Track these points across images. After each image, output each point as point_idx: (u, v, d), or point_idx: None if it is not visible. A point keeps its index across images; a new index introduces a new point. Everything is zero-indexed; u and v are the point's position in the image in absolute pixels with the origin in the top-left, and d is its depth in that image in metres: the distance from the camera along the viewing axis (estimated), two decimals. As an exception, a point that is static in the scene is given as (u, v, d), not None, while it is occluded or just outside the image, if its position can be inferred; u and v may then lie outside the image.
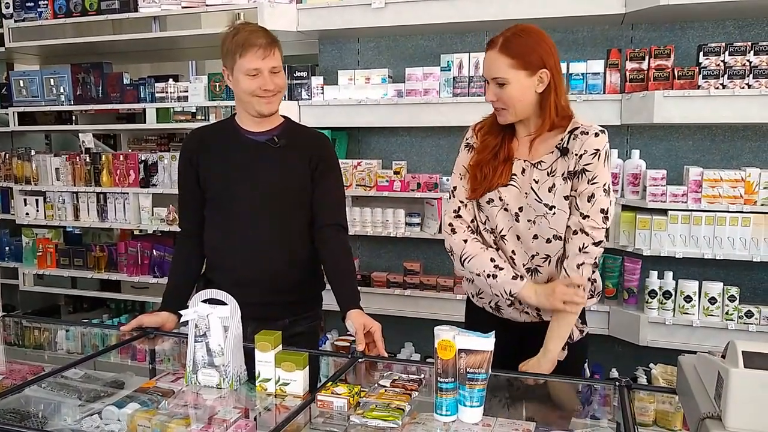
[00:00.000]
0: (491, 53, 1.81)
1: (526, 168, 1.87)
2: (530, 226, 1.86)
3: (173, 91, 3.85)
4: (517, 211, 1.87)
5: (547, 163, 1.85)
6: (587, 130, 1.82)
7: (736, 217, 2.90)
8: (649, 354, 3.08)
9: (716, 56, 2.91)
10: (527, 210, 1.86)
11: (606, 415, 1.67)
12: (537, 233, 1.86)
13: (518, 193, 1.86)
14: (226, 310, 1.64)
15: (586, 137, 1.80)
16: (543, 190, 1.83)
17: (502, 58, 1.79)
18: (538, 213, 1.84)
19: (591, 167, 1.79)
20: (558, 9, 3.12)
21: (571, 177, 1.82)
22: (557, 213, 1.82)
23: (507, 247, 1.90)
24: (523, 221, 1.87)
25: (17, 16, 4.14)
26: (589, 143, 1.79)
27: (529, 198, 1.85)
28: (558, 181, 1.82)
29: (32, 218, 4.25)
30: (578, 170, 1.80)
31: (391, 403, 1.46)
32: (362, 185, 3.53)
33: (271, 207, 2.09)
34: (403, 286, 3.54)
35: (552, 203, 1.82)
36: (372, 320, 1.92)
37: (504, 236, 1.90)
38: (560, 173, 1.83)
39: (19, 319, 2.59)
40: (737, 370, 1.11)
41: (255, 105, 2.05)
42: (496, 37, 1.82)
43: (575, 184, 1.82)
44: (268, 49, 2.00)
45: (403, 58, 3.66)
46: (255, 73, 2.00)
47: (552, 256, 1.88)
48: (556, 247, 1.86)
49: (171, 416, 1.45)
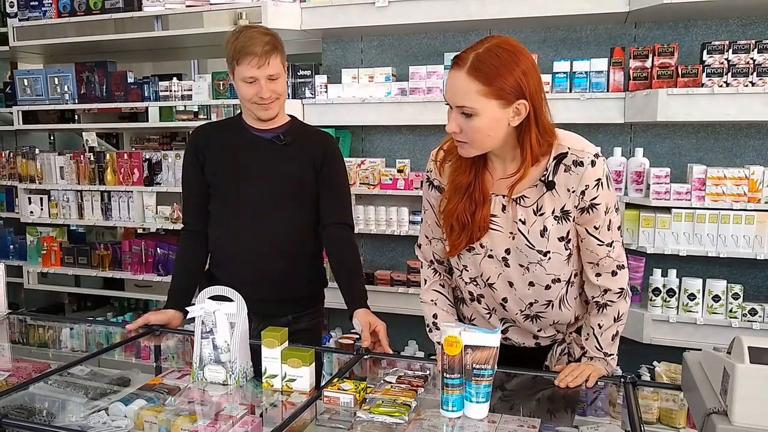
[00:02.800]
0: (457, 74, 1.46)
1: (507, 205, 1.61)
2: (523, 272, 1.64)
3: (177, 89, 3.86)
4: (504, 256, 1.64)
5: (531, 199, 1.59)
6: (580, 159, 1.53)
7: (740, 215, 2.90)
8: (653, 352, 3.08)
9: (720, 54, 2.90)
10: (517, 254, 1.63)
11: (611, 412, 1.67)
12: (533, 280, 1.65)
13: (502, 235, 1.62)
14: (233, 306, 1.64)
15: (582, 170, 1.53)
16: (534, 235, 1.59)
17: (470, 83, 1.44)
18: (531, 260, 1.62)
19: (599, 199, 1.56)
20: (561, 7, 3.12)
21: (567, 217, 1.59)
22: (553, 257, 1.61)
23: (497, 295, 1.70)
24: (514, 266, 1.64)
25: (21, 15, 4.15)
26: (587, 176, 1.53)
27: (517, 241, 1.61)
28: (549, 223, 1.58)
29: (36, 217, 4.26)
30: (586, 207, 1.56)
31: (397, 398, 1.46)
32: (366, 183, 3.53)
33: (275, 204, 2.10)
34: (407, 284, 3.54)
35: (546, 249, 1.60)
36: (377, 319, 1.94)
37: (492, 284, 1.69)
38: (550, 212, 1.58)
39: (24, 317, 2.60)
40: (743, 365, 1.11)
41: (253, 110, 2.07)
42: (465, 53, 1.47)
43: (584, 219, 1.59)
44: (263, 57, 1.97)
45: (407, 56, 3.67)
46: (251, 80, 2.01)
47: (554, 299, 1.69)
48: (557, 290, 1.68)
49: (177, 412, 1.46)
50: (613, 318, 1.70)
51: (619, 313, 1.69)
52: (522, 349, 1.84)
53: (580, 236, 1.63)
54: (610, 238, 1.61)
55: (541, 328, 1.78)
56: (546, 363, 1.86)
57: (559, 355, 1.83)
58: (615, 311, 1.69)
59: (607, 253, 1.61)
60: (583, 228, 1.60)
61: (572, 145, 1.55)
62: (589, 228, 1.60)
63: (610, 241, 1.61)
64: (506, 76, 1.43)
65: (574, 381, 1.63)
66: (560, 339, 1.85)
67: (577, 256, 1.67)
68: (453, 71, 1.48)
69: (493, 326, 1.76)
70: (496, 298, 1.72)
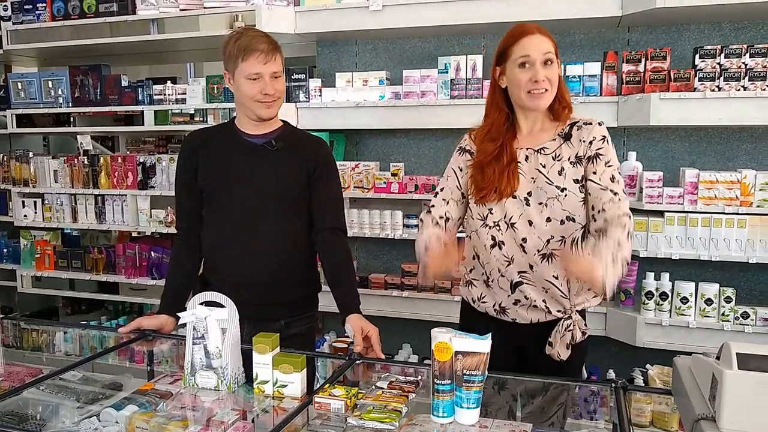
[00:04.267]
0: (535, 37, 1.85)
1: (530, 155, 1.91)
2: (542, 209, 1.87)
3: (171, 93, 3.86)
4: (526, 196, 1.88)
5: (550, 149, 1.90)
6: (589, 121, 1.91)
7: (732, 219, 2.91)
8: (646, 355, 3.09)
9: (712, 58, 2.92)
10: (537, 193, 1.87)
11: (603, 416, 1.68)
12: (550, 216, 1.87)
13: (524, 180, 1.89)
14: (224, 312, 1.64)
15: (590, 127, 1.88)
16: (553, 173, 1.87)
17: (546, 39, 1.85)
18: (549, 195, 1.86)
19: (603, 151, 1.86)
20: (555, 11, 3.13)
21: (580, 162, 1.87)
22: (569, 195, 1.86)
23: (518, 236, 1.88)
24: (534, 205, 1.87)
25: (15, 18, 4.14)
26: (596, 131, 1.88)
27: (538, 182, 1.88)
28: (566, 165, 1.87)
29: (30, 220, 4.25)
30: (591, 155, 1.86)
31: (388, 404, 1.47)
32: (360, 187, 3.54)
33: (268, 209, 2.11)
34: (401, 288, 3.54)
35: (563, 185, 1.86)
36: (370, 324, 1.95)
37: (514, 224, 1.89)
38: (566, 158, 1.88)
39: (17, 321, 2.60)
40: (731, 371, 1.12)
41: (255, 109, 2.07)
42: (527, 25, 1.88)
43: (590, 168, 1.86)
44: (269, 54, 2.02)
45: (401, 60, 3.67)
46: (256, 77, 2.02)
47: (567, 237, 1.88)
48: (570, 228, 1.87)
49: (169, 418, 1.46)
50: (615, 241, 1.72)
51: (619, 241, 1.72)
52: (527, 329, 1.93)
53: (587, 188, 1.87)
54: (615, 189, 1.83)
55: (557, 275, 1.88)
56: (550, 339, 1.90)
57: (564, 331, 1.90)
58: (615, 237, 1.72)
59: (610, 198, 1.82)
60: (589, 178, 1.86)
61: (581, 117, 1.94)
62: (592, 177, 1.85)
63: (615, 191, 1.83)
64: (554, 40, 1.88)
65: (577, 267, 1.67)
66: (566, 316, 1.91)
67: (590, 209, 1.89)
68: (529, 36, 1.85)
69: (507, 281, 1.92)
70: (517, 240, 1.89)
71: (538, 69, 1.82)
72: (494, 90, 1.97)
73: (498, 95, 1.96)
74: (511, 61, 1.87)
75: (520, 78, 1.84)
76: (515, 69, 1.85)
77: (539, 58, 1.82)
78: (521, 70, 1.84)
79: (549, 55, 1.83)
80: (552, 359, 1.90)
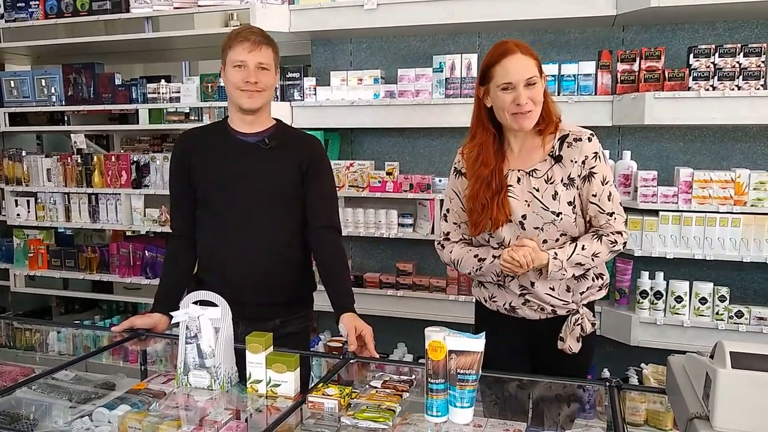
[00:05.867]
0: (517, 57, 1.83)
1: (522, 177, 1.92)
2: (538, 233, 1.91)
3: (165, 91, 3.84)
4: (521, 220, 1.91)
5: (542, 171, 1.91)
6: (579, 136, 1.90)
7: (726, 218, 2.92)
8: (641, 354, 3.09)
9: (706, 58, 2.92)
10: (533, 218, 1.90)
11: (597, 415, 1.68)
12: (546, 238, 1.92)
13: (518, 202, 1.91)
14: (217, 311, 1.64)
15: (581, 143, 1.89)
16: (547, 198, 1.89)
17: (529, 60, 1.84)
18: (545, 221, 1.90)
19: (597, 169, 1.89)
20: (549, 10, 3.13)
21: (573, 183, 1.89)
22: (564, 218, 1.89)
23: None
24: (530, 229, 1.91)
25: (8, 16, 4.11)
26: (587, 148, 1.89)
27: (533, 206, 1.90)
28: (559, 188, 1.89)
29: (23, 219, 4.23)
30: (586, 174, 1.89)
31: (381, 404, 1.46)
32: (355, 186, 3.53)
33: (262, 208, 2.10)
34: (396, 287, 3.54)
35: (558, 210, 1.88)
36: (363, 323, 1.94)
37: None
38: (559, 179, 1.89)
39: (10, 320, 2.58)
40: (725, 370, 1.12)
41: (237, 98, 2.07)
42: (508, 43, 1.86)
43: (586, 188, 1.90)
44: (257, 44, 2.02)
45: (396, 59, 3.67)
46: (241, 64, 2.03)
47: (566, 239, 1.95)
48: (566, 240, 1.93)
49: (162, 418, 1.45)
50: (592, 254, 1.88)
51: (595, 252, 1.89)
52: (538, 324, 1.99)
53: (584, 206, 1.92)
54: (611, 209, 1.91)
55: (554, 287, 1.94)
56: (561, 335, 1.97)
57: (573, 326, 1.96)
58: (593, 249, 1.89)
59: (606, 220, 1.91)
60: (585, 197, 1.90)
61: (571, 129, 1.94)
62: (590, 197, 1.90)
63: (611, 211, 1.91)
64: (536, 55, 1.87)
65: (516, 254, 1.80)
66: (574, 310, 1.97)
67: (584, 223, 1.95)
68: (509, 57, 1.83)
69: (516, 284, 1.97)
70: None
71: (521, 92, 1.82)
72: (479, 109, 1.97)
73: (484, 114, 1.96)
74: (494, 84, 1.87)
75: (504, 99, 1.85)
76: (498, 92, 1.86)
77: (522, 81, 1.82)
78: (504, 92, 1.85)
79: (531, 79, 1.83)
80: (564, 352, 1.96)
